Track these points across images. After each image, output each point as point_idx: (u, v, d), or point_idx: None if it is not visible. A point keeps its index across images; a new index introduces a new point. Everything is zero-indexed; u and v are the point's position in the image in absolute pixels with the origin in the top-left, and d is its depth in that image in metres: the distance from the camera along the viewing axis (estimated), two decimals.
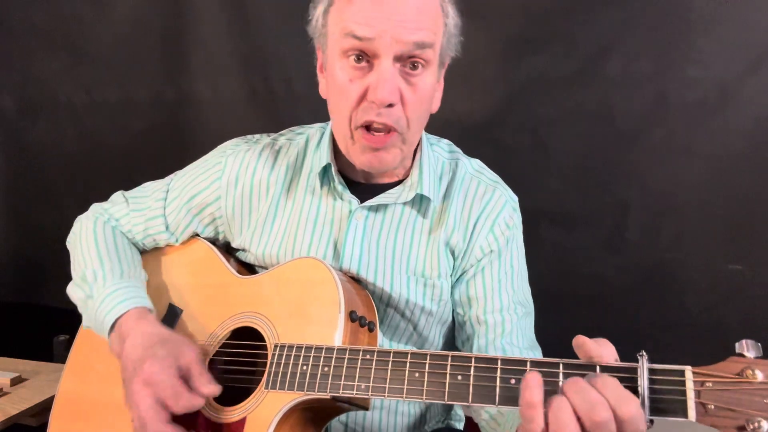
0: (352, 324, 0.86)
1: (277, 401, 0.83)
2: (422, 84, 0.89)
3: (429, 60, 0.88)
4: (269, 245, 1.02)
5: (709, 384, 0.61)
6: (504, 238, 1.01)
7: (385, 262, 0.99)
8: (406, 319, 1.00)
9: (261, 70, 1.73)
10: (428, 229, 1.00)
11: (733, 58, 1.37)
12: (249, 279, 1.01)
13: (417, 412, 1.07)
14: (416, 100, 0.89)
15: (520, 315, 1.00)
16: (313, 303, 0.88)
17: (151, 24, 1.81)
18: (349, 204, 1.00)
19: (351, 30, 0.85)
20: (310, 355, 0.83)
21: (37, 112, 2.00)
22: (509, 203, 1.03)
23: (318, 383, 0.81)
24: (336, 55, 0.89)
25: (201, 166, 1.10)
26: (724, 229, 1.44)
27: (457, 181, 1.03)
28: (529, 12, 1.49)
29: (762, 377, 0.59)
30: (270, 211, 1.04)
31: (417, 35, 0.85)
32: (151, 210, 1.10)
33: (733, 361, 0.61)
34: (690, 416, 0.60)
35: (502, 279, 1.00)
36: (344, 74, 0.88)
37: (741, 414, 0.59)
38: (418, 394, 0.74)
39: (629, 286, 1.50)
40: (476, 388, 0.71)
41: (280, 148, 1.08)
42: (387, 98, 0.85)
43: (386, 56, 0.85)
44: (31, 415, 1.34)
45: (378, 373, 0.77)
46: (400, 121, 0.89)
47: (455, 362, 0.73)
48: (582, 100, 1.49)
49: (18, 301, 2.07)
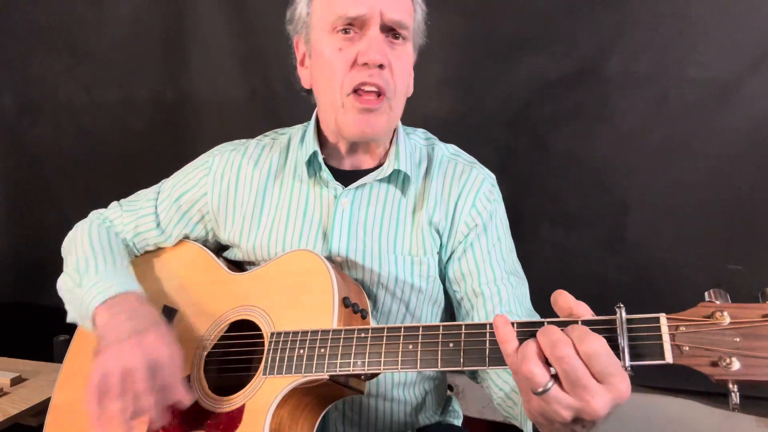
0: (345, 310, 0.88)
1: (275, 386, 0.84)
2: (404, 54, 0.99)
3: (407, 37, 0.99)
4: (259, 237, 1.05)
5: (682, 328, 0.65)
6: (487, 212, 1.04)
7: (372, 244, 1.01)
8: (397, 299, 1.02)
9: (261, 70, 1.74)
10: (411, 209, 1.04)
11: (733, 58, 1.37)
12: (243, 275, 1.02)
13: (413, 400, 1.08)
14: (400, 67, 0.98)
15: (514, 284, 1.03)
16: (307, 292, 0.90)
17: (151, 24, 1.81)
18: (334, 190, 1.03)
19: (344, 12, 0.93)
20: (306, 338, 0.85)
21: (37, 112, 2.00)
22: (487, 179, 1.07)
23: (315, 364, 0.82)
24: (324, 35, 0.97)
25: (190, 167, 1.14)
26: (724, 229, 1.44)
27: (435, 165, 1.07)
28: (529, 12, 1.49)
29: (730, 319, 0.63)
30: (257, 205, 1.07)
31: (399, 15, 0.95)
32: (143, 209, 1.13)
33: (703, 306, 0.66)
34: (667, 358, 0.64)
35: (491, 251, 1.03)
36: (334, 46, 0.95)
37: (714, 352, 0.63)
38: (413, 365, 0.77)
39: (629, 286, 1.50)
40: (467, 352, 0.74)
41: (264, 147, 1.12)
42: (378, 59, 0.93)
43: (375, 25, 0.94)
44: (31, 415, 1.34)
45: (373, 349, 0.80)
46: (389, 83, 0.96)
47: (446, 331, 0.76)
48: (582, 100, 1.49)
49: (18, 301, 2.07)
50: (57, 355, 1.64)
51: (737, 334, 0.63)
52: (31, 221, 2.07)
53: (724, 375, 0.62)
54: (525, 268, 1.08)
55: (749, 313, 0.63)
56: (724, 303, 0.65)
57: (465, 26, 1.53)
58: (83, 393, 0.84)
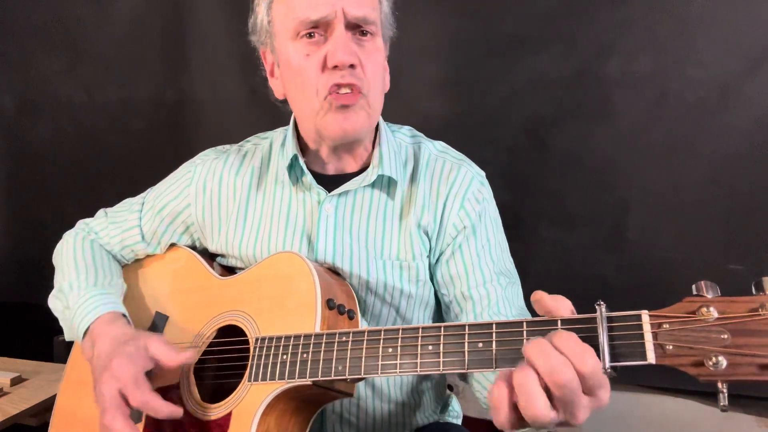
0: (330, 312, 0.87)
1: (260, 392, 0.84)
2: (374, 48, 0.95)
3: (374, 32, 0.96)
4: (244, 245, 1.04)
5: (666, 325, 0.61)
6: (476, 213, 1.01)
7: (359, 250, 1.00)
8: (387, 303, 1.01)
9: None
10: (398, 213, 1.02)
11: (733, 58, 1.37)
12: (229, 279, 1.02)
13: (410, 400, 1.08)
14: (372, 62, 0.94)
15: (504, 285, 1.01)
16: (291, 295, 0.90)
17: (151, 24, 1.81)
18: (318, 195, 1.02)
19: (305, 16, 0.90)
20: (289, 344, 0.84)
21: (37, 112, 2.00)
22: (476, 178, 1.04)
23: (298, 370, 0.82)
24: (288, 42, 0.94)
25: (173, 178, 1.14)
26: (724, 229, 1.44)
27: (422, 164, 1.04)
28: (529, 12, 1.49)
29: (717, 314, 0.59)
30: (240, 213, 1.06)
31: (363, 10, 0.92)
32: (127, 222, 1.14)
33: (688, 301, 0.61)
34: (649, 358, 0.60)
35: (480, 253, 1.01)
36: (300, 53, 0.93)
37: (699, 351, 0.59)
38: (392, 369, 0.75)
39: (629, 286, 1.50)
40: (446, 355, 0.72)
41: (246, 153, 1.11)
42: (348, 59, 0.90)
43: (339, 24, 0.91)
44: (31, 415, 1.34)
45: (353, 353, 0.78)
46: (362, 80, 0.93)
47: (426, 333, 0.74)
48: (582, 100, 1.49)
49: (18, 301, 2.07)
50: (57, 355, 1.64)
51: (725, 330, 0.58)
52: (31, 221, 2.07)
53: (710, 375, 0.58)
54: (525, 268, 1.08)
55: (738, 308, 0.58)
56: (713, 297, 0.60)
57: (465, 26, 1.53)
58: (87, 401, 0.88)
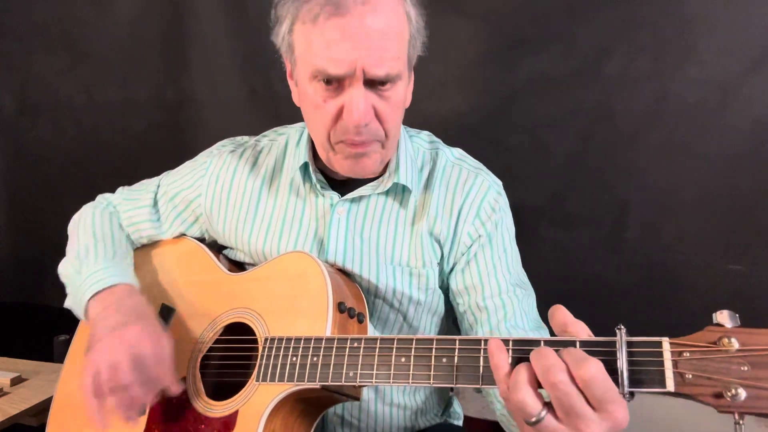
0: (341, 315, 0.87)
1: (268, 393, 0.84)
2: (395, 96, 0.90)
3: (396, 80, 0.89)
4: (253, 240, 1.04)
5: (686, 354, 0.61)
6: (491, 223, 1.00)
7: (369, 255, 0.99)
8: (395, 309, 1.01)
9: (261, 70, 1.73)
10: (411, 220, 1.01)
11: (733, 58, 1.37)
12: (239, 276, 1.02)
13: (413, 404, 1.07)
14: (391, 111, 0.90)
15: (521, 297, 0.99)
16: (302, 296, 0.89)
17: (151, 24, 1.81)
18: (330, 199, 1.01)
19: (323, 68, 0.85)
20: (299, 346, 0.84)
21: (37, 112, 2.00)
22: (493, 187, 1.02)
23: (307, 373, 0.81)
24: (306, 77, 0.89)
25: (190, 165, 1.14)
26: (724, 229, 1.44)
27: (438, 171, 1.03)
28: (529, 12, 1.49)
29: (738, 345, 0.59)
30: (250, 209, 1.06)
31: (385, 69, 0.85)
32: (141, 201, 1.14)
33: (710, 330, 0.61)
34: (668, 386, 0.60)
35: (496, 263, 1.00)
36: (317, 95, 0.89)
37: (718, 382, 0.59)
38: (405, 379, 0.74)
39: (629, 286, 1.50)
40: (461, 369, 0.71)
41: (262, 149, 1.10)
42: (362, 120, 0.86)
43: (357, 83, 0.85)
44: (31, 415, 1.34)
45: (365, 360, 0.78)
46: (378, 133, 0.91)
47: (440, 345, 0.73)
48: (582, 100, 1.49)
49: (18, 301, 2.07)
50: (57, 355, 1.64)
51: (745, 362, 0.58)
52: (31, 221, 2.07)
53: (728, 407, 0.58)
54: (525, 268, 1.08)
55: (759, 340, 0.58)
56: (734, 327, 0.60)
57: (465, 26, 1.53)
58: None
